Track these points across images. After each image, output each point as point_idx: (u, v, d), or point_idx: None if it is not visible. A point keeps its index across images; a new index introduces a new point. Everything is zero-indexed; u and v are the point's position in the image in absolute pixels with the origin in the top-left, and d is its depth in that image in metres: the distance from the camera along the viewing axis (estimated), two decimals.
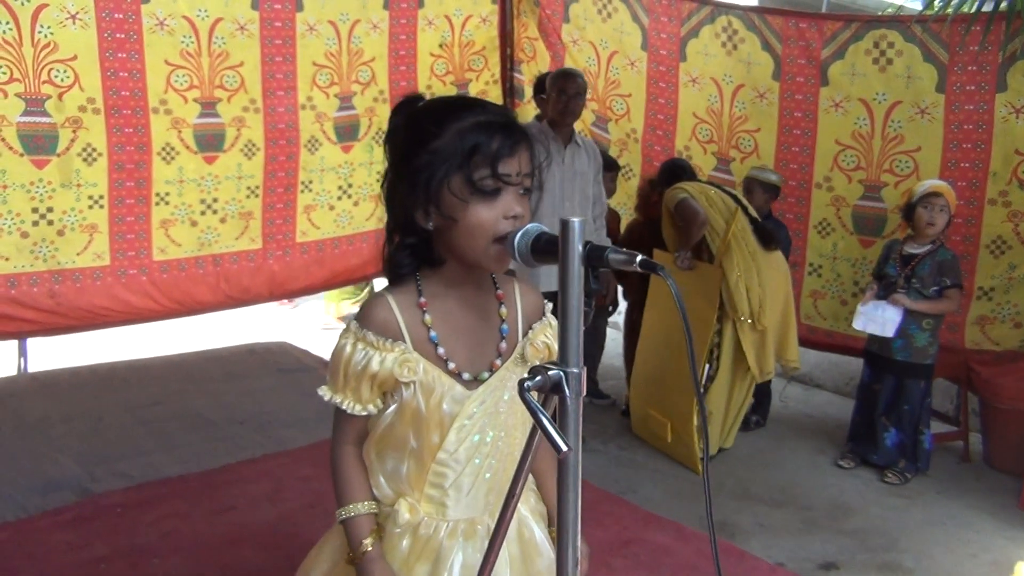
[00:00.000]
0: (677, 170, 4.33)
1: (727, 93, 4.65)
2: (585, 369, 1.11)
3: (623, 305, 4.89)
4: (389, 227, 1.42)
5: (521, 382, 1.06)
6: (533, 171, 1.36)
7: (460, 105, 1.37)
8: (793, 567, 3.15)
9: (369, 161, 5.30)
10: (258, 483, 3.50)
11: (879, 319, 3.81)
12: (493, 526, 1.45)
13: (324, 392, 1.44)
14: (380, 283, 5.97)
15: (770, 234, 4.05)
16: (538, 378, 1.07)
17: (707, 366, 3.98)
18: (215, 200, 4.67)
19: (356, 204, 5.29)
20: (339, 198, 5.20)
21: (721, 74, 4.64)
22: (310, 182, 5.04)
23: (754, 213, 4.13)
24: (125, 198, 4.38)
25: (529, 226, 1.23)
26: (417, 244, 1.39)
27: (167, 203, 4.51)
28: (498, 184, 1.30)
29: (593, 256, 1.08)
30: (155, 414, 4.20)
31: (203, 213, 4.64)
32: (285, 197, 4.95)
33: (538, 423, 1.06)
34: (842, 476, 3.97)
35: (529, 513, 1.54)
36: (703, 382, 3.99)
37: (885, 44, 4.09)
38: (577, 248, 1.07)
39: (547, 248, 1.19)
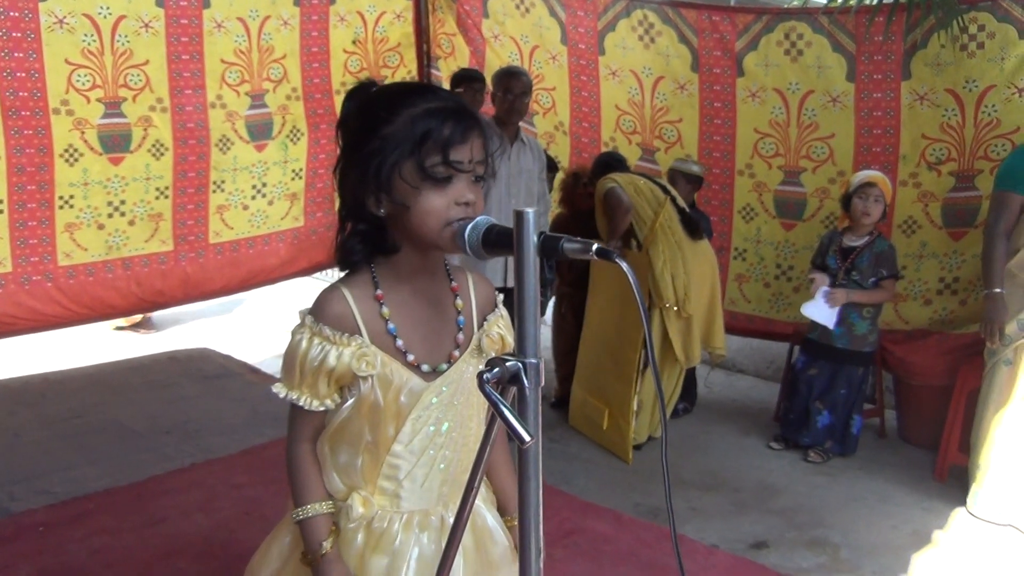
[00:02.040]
0: (612, 162, 4.41)
1: (647, 85, 4.73)
2: (543, 360, 1.10)
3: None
4: (341, 215, 1.39)
5: (480, 375, 1.05)
6: (486, 159, 1.35)
7: (412, 91, 1.35)
8: (726, 548, 3.21)
9: (283, 160, 5.21)
10: (189, 493, 3.40)
11: (822, 308, 3.89)
12: (447, 517, 1.47)
13: (279, 389, 1.41)
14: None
15: (696, 224, 4.13)
16: (496, 370, 1.07)
17: (643, 352, 4.02)
18: (123, 202, 4.53)
19: (271, 203, 5.20)
20: (253, 197, 5.10)
21: (640, 67, 4.71)
22: (222, 182, 4.93)
23: (683, 203, 4.20)
24: (26, 202, 4.20)
25: (479, 219, 1.22)
26: (368, 231, 1.36)
27: (72, 206, 4.35)
28: (449, 171, 1.28)
29: (548, 246, 1.08)
30: (75, 427, 4.05)
31: (110, 216, 4.49)
32: (196, 198, 4.83)
33: (499, 414, 1.05)
34: (768, 458, 4.07)
35: (481, 502, 1.54)
36: (640, 369, 4.03)
37: (795, 36, 4.21)
38: (532, 238, 1.07)
39: (498, 240, 1.18)
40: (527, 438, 1.04)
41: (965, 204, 4.01)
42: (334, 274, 6.64)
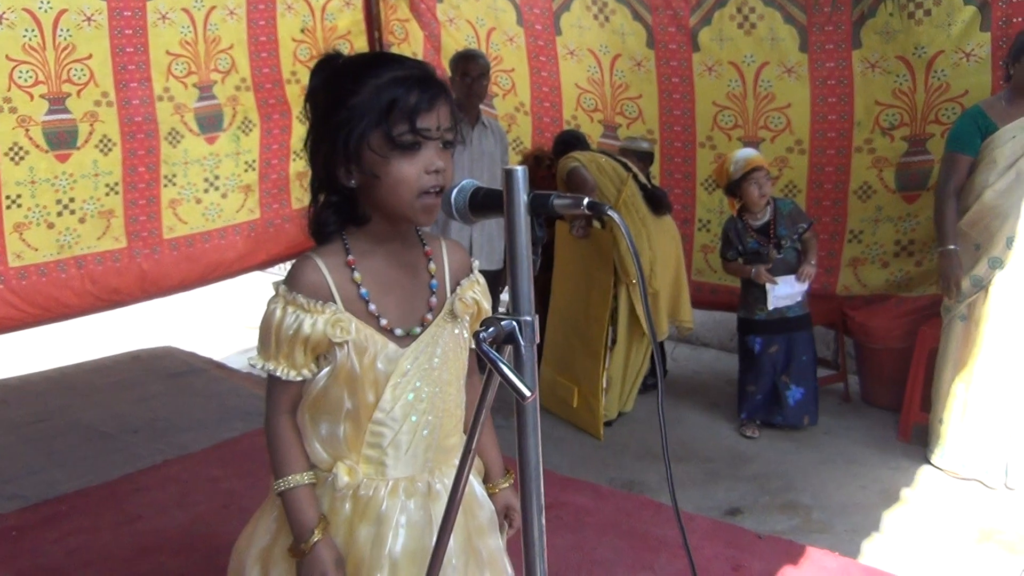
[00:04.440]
0: (572, 140, 4.45)
1: (605, 63, 4.74)
2: (537, 318, 1.11)
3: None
4: (313, 187, 1.40)
5: (476, 334, 1.06)
6: (454, 125, 1.36)
7: (378, 61, 1.35)
8: (702, 516, 3.25)
9: (236, 151, 5.15)
10: (163, 490, 3.36)
11: (789, 295, 3.89)
12: (433, 483, 1.48)
13: (256, 361, 1.41)
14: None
15: (659, 200, 4.15)
16: (491, 328, 1.08)
17: (610, 329, 4.04)
18: (72, 200, 4.44)
19: (224, 196, 5.14)
20: (206, 191, 5.04)
21: (597, 45, 4.72)
22: (173, 176, 4.87)
23: (644, 180, 4.22)
24: None
25: (464, 182, 1.21)
26: (341, 202, 1.38)
27: (19, 206, 4.25)
28: (417, 138, 1.30)
29: (537, 204, 1.08)
30: (41, 431, 3.98)
31: (60, 214, 4.40)
32: (148, 192, 4.75)
33: (498, 371, 1.06)
34: (738, 427, 4.11)
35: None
36: (608, 346, 4.05)
37: (747, 9, 4.24)
38: (522, 197, 1.07)
39: (486, 202, 1.18)
40: (528, 393, 1.05)
41: (918, 168, 4.09)
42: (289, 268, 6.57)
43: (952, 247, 3.49)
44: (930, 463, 3.62)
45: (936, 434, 3.61)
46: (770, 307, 3.90)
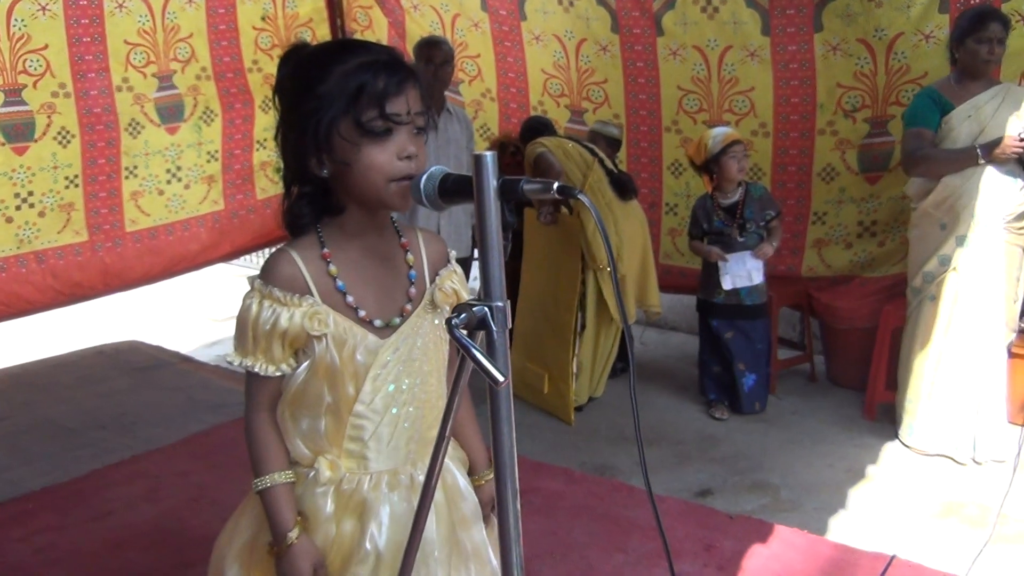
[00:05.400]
0: (539, 126, 4.45)
1: (571, 48, 4.74)
2: (509, 303, 1.11)
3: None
4: (287, 180, 1.38)
5: (448, 320, 1.06)
6: (425, 110, 1.35)
7: (344, 48, 1.34)
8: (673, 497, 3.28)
9: (197, 142, 5.08)
10: (132, 485, 3.32)
11: (744, 272, 3.91)
12: (416, 475, 1.46)
13: (233, 358, 1.39)
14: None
15: (625, 184, 4.16)
16: (463, 315, 1.08)
17: (579, 315, 4.05)
18: (30, 193, 4.35)
19: (187, 187, 5.07)
20: (168, 182, 4.97)
21: (562, 30, 4.71)
22: (135, 167, 4.79)
23: (610, 165, 4.23)
24: None
25: (432, 169, 1.21)
26: (314, 193, 1.36)
27: None
28: (387, 124, 1.29)
29: (507, 188, 1.07)
30: (4, 429, 3.92)
31: (18, 208, 4.31)
32: (108, 185, 4.68)
33: (471, 357, 1.06)
34: (706, 410, 4.15)
35: (449, 460, 1.54)
36: (577, 331, 4.07)
37: None
38: (491, 182, 1.07)
39: (455, 188, 1.17)
40: (501, 379, 1.05)
41: (880, 149, 4.14)
42: (256, 259, 6.54)
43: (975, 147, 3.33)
44: (897, 440, 3.67)
45: (904, 411, 3.66)
46: (725, 287, 3.92)
